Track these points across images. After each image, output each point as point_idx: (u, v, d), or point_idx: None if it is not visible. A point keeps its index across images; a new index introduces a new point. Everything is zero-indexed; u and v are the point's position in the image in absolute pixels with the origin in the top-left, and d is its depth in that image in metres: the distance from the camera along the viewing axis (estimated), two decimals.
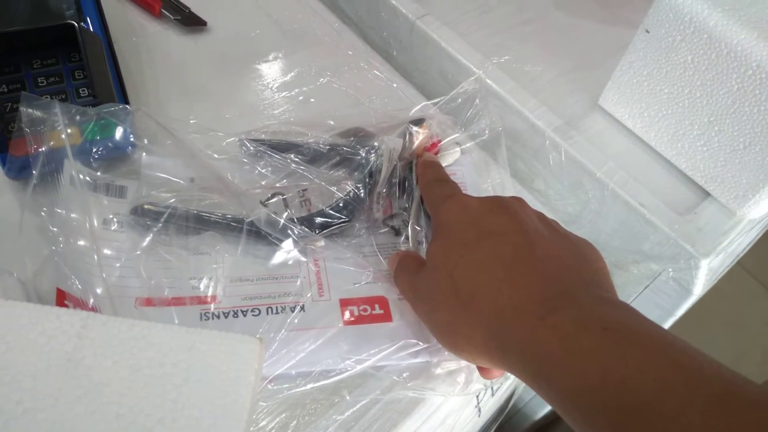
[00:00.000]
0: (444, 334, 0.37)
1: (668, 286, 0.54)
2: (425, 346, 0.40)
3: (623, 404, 0.26)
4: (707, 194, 0.54)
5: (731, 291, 1.53)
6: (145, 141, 0.45)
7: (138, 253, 0.41)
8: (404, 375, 0.40)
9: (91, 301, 0.36)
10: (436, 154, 0.50)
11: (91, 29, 0.49)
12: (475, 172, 0.51)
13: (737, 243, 0.57)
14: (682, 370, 0.27)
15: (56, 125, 0.41)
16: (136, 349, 0.27)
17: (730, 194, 0.53)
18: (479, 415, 0.48)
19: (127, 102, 0.48)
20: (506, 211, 0.38)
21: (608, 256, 0.57)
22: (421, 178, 0.46)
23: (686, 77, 0.51)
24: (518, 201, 0.41)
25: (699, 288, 0.52)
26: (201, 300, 0.40)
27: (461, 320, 0.35)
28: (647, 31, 0.51)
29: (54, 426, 0.25)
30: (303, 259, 0.43)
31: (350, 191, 0.45)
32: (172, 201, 0.43)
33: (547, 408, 0.78)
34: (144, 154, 0.45)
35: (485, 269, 0.35)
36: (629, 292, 0.57)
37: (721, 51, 0.48)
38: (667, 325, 0.58)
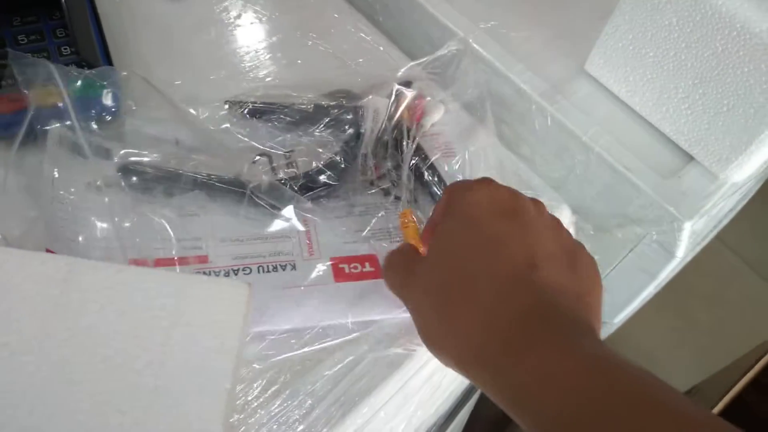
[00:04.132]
0: (428, 329, 0.34)
1: (652, 249, 0.54)
2: None
3: None
4: (691, 158, 0.55)
5: (712, 267, 1.55)
6: (131, 102, 0.44)
7: (126, 214, 0.41)
8: (392, 332, 0.40)
9: None
10: (421, 112, 0.49)
11: None
12: (460, 133, 0.51)
13: (720, 207, 0.57)
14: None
15: (45, 84, 0.41)
16: (123, 293, 0.27)
17: (714, 157, 0.53)
18: None
19: (110, 62, 0.47)
20: (516, 217, 0.35)
21: (593, 220, 0.58)
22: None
23: (671, 40, 0.51)
24: (537, 205, 0.37)
25: (682, 250, 0.53)
26: (191, 260, 0.40)
27: (451, 319, 0.33)
28: None
29: (39, 369, 0.25)
30: (292, 219, 0.43)
31: (337, 152, 0.45)
32: (158, 161, 0.43)
33: None
34: (129, 115, 0.44)
35: (493, 278, 0.32)
36: (614, 256, 0.58)
37: (706, 12, 0.48)
38: (651, 289, 0.59)
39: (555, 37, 0.61)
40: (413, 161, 0.47)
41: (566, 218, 0.49)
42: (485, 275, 0.33)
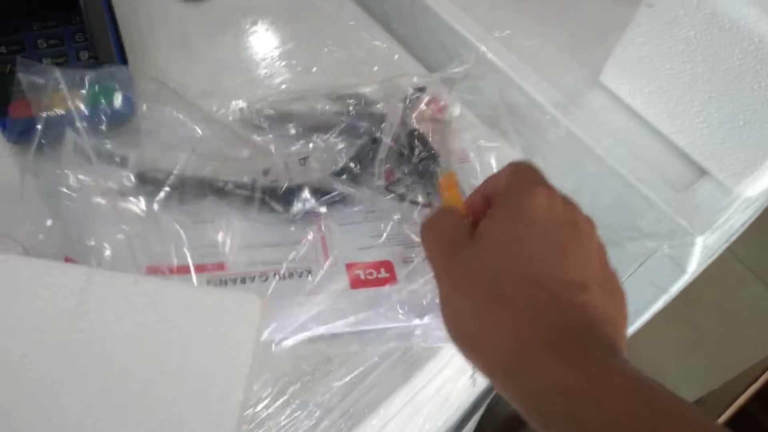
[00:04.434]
0: (462, 321, 0.33)
1: (663, 263, 0.54)
2: (430, 308, 0.40)
3: None
4: (704, 172, 0.54)
5: (722, 278, 1.55)
6: (145, 106, 0.44)
7: (143, 221, 0.41)
8: (404, 342, 0.40)
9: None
10: (440, 110, 0.49)
11: None
12: (475, 140, 0.50)
13: (732, 221, 0.57)
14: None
15: (57, 89, 0.41)
16: (139, 304, 0.27)
17: (728, 171, 0.53)
18: (474, 385, 0.49)
19: (127, 66, 0.47)
20: (575, 231, 0.35)
21: (604, 233, 0.58)
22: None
23: (688, 52, 0.51)
24: (591, 224, 0.37)
25: (693, 265, 0.53)
26: (207, 267, 0.40)
27: (492, 316, 0.32)
28: (650, 6, 0.51)
29: (56, 379, 0.25)
30: (308, 225, 0.43)
31: (352, 158, 0.45)
32: (174, 168, 0.43)
33: None
34: (144, 118, 0.44)
35: (548, 287, 0.32)
36: (624, 269, 0.58)
37: (724, 25, 0.48)
38: (660, 303, 0.59)
39: (569, 47, 0.61)
40: (430, 165, 0.47)
41: None
42: (541, 283, 0.32)
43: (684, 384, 1.33)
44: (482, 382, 0.51)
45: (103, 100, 0.42)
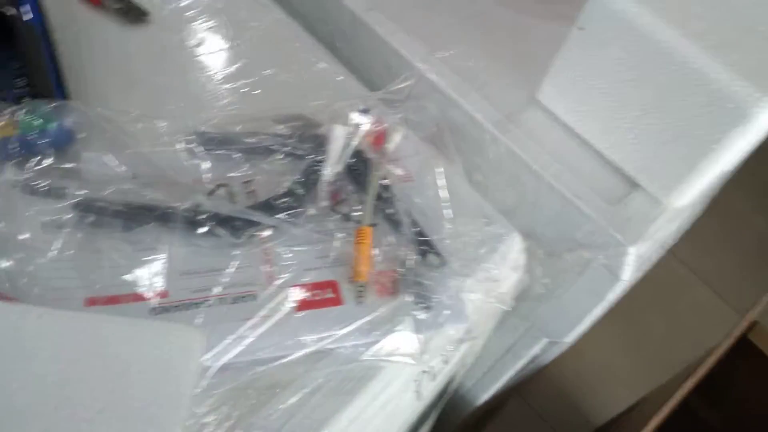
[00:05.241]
0: None
1: (599, 272, 0.56)
2: (376, 327, 0.41)
3: None
4: (636, 184, 0.57)
5: (665, 278, 1.60)
6: (83, 135, 0.44)
7: (82, 252, 0.41)
8: (349, 361, 0.41)
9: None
10: (382, 137, 0.50)
11: (29, 18, 0.48)
12: (418, 160, 0.52)
13: (663, 230, 0.60)
14: None
15: None
16: (74, 341, 0.27)
17: (658, 184, 0.56)
18: (419, 399, 0.50)
19: (65, 94, 0.47)
20: None
21: (545, 245, 0.60)
22: None
23: (618, 73, 0.53)
24: None
25: (628, 274, 0.55)
26: (150, 296, 0.40)
27: None
28: (582, 29, 0.53)
29: None
30: (252, 248, 0.44)
31: (296, 180, 0.46)
32: (114, 196, 0.43)
33: (490, 393, 0.81)
34: (83, 149, 0.44)
35: None
36: (564, 279, 0.60)
37: (650, 48, 0.50)
38: (599, 310, 0.61)
39: (511, 67, 0.63)
40: (377, 185, 0.48)
41: (517, 245, 0.51)
42: None
43: (628, 382, 1.37)
44: (428, 395, 0.53)
45: (39, 131, 0.41)
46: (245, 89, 0.55)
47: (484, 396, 0.81)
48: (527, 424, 1.35)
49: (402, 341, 0.42)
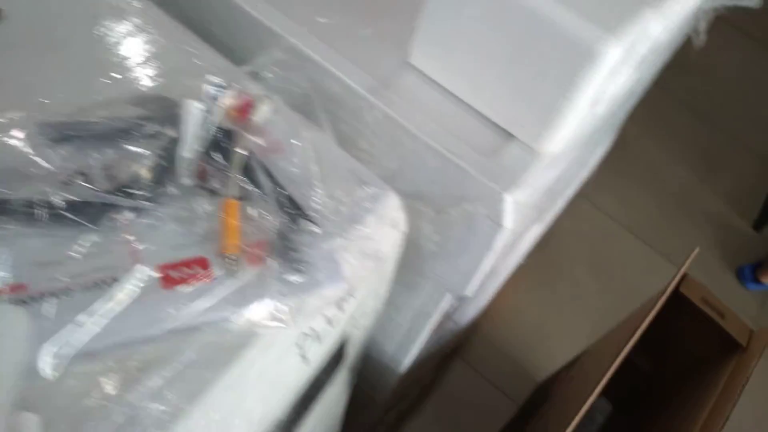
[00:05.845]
0: None
1: (483, 223, 0.58)
2: (245, 296, 0.42)
3: None
4: (511, 135, 0.59)
5: (589, 232, 1.65)
6: None
7: None
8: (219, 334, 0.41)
9: None
10: (248, 112, 0.50)
11: None
12: (289, 131, 0.52)
13: (543, 177, 0.62)
14: None
15: None
16: None
17: (528, 132, 0.58)
18: (307, 365, 0.51)
19: None
20: None
21: (432, 203, 0.62)
22: None
23: (479, 30, 0.55)
24: None
25: (509, 221, 0.57)
26: (5, 290, 0.40)
27: None
28: None
29: None
30: (113, 233, 0.43)
31: (154, 159, 0.45)
32: None
33: (412, 356, 0.82)
34: None
35: None
36: (453, 234, 0.61)
37: (503, 1, 0.52)
38: (490, 260, 0.63)
39: (385, 34, 0.63)
40: (241, 159, 0.48)
41: (392, 203, 0.52)
42: None
43: (569, 337, 1.41)
44: (316, 358, 0.53)
45: None
46: (101, 75, 0.53)
47: (407, 360, 0.83)
48: (470, 386, 1.38)
49: (272, 306, 0.42)
